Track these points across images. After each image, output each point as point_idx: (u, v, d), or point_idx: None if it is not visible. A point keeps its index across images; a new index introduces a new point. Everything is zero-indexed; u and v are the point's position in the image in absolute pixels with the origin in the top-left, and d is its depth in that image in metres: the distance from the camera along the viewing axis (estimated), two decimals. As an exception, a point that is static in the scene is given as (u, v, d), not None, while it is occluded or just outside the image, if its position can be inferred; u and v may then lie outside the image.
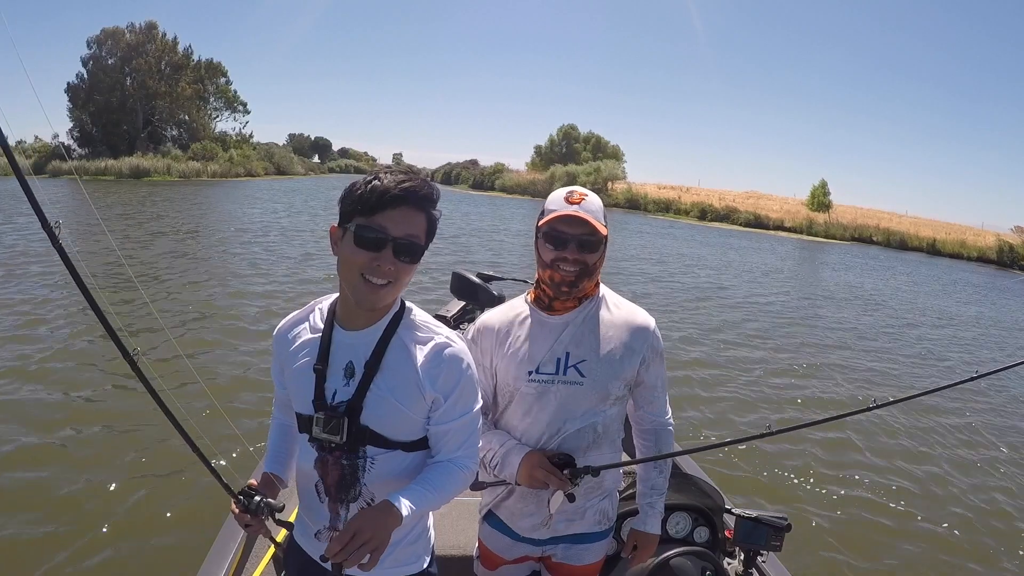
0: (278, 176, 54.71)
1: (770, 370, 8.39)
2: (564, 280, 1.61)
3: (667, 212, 45.09)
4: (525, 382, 1.66)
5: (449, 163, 75.50)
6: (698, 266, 18.88)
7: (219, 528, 2.37)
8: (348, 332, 1.37)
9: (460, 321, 4.13)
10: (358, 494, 1.39)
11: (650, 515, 1.79)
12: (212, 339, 7.60)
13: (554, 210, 1.61)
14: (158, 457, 4.57)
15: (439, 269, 11.41)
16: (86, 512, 3.93)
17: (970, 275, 27.75)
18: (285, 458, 1.57)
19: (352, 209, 1.29)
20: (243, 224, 19.34)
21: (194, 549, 2.75)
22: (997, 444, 6.68)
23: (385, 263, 1.27)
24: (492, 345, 1.70)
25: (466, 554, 2.15)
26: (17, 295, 8.97)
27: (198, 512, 3.91)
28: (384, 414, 1.34)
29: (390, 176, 1.29)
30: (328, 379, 1.37)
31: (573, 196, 1.61)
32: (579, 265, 1.60)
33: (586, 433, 1.67)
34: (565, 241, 1.59)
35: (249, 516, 1.38)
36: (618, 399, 1.71)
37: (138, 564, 3.53)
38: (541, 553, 1.81)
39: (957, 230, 41.05)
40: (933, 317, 14.66)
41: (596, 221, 1.59)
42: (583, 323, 1.67)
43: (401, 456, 1.39)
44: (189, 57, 50.77)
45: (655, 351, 1.72)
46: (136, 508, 4.04)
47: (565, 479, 1.62)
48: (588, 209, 1.60)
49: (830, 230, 40.08)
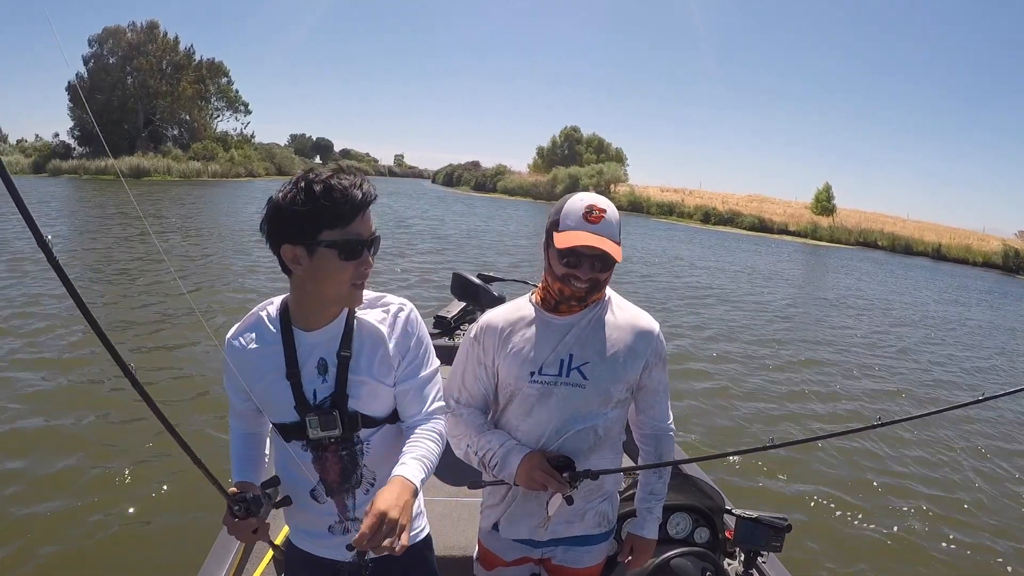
0: (279, 176, 54.58)
1: (778, 377, 8.23)
2: (574, 295, 1.60)
3: (670, 215, 44.82)
4: (527, 383, 1.64)
5: (451, 164, 75.40)
6: (705, 270, 18.68)
7: (218, 531, 2.32)
8: (311, 332, 1.38)
9: (460, 322, 4.11)
10: (360, 478, 1.42)
11: (648, 520, 1.77)
12: (206, 342, 7.54)
13: (571, 227, 1.56)
14: (158, 459, 4.57)
15: (440, 269, 11.22)
16: (86, 513, 3.94)
17: (978, 280, 27.65)
18: (252, 466, 1.54)
19: (315, 224, 1.25)
20: (241, 225, 19.10)
21: (194, 549, 2.78)
22: (1000, 451, 6.60)
23: (367, 266, 1.32)
24: (495, 344, 1.68)
25: (466, 554, 2.12)
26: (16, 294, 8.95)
27: (198, 513, 3.90)
28: (367, 395, 1.38)
29: (343, 181, 1.26)
30: (304, 382, 1.37)
31: (592, 214, 1.55)
32: (591, 282, 1.58)
33: (587, 435, 1.66)
34: (580, 261, 1.56)
35: (253, 519, 1.35)
36: (620, 402, 1.69)
37: (138, 564, 3.53)
38: (540, 555, 1.78)
39: (961, 235, 40.99)
40: (944, 324, 14.42)
41: (614, 245, 1.55)
42: (588, 325, 1.65)
43: (390, 429, 1.44)
44: (190, 57, 50.65)
45: (658, 355, 1.70)
46: (136, 509, 4.04)
47: (564, 482, 1.59)
48: (607, 231, 1.56)
49: (835, 234, 39.90)
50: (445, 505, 2.53)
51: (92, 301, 7.87)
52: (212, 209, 24.24)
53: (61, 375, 6.10)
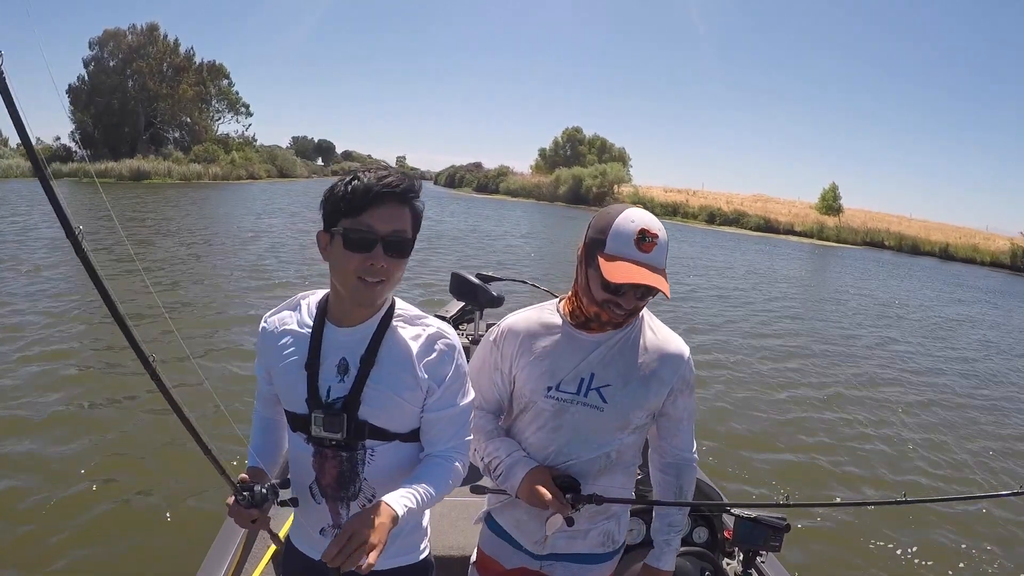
0: (280, 179, 54.39)
1: (796, 393, 7.78)
2: (611, 321, 1.51)
3: (674, 216, 44.47)
4: (543, 397, 1.57)
5: (453, 166, 75.31)
6: (716, 273, 18.39)
7: (219, 528, 2.35)
8: (341, 329, 1.36)
9: (459, 322, 4.14)
10: (358, 490, 1.38)
11: (665, 552, 1.68)
12: (214, 338, 7.63)
13: (622, 254, 1.43)
14: (158, 459, 4.57)
15: (440, 270, 11.05)
16: (86, 512, 3.92)
17: (988, 280, 27.44)
18: (269, 453, 1.53)
19: (336, 212, 1.27)
20: (239, 226, 18.88)
21: (194, 549, 2.80)
22: (1005, 455, 6.39)
23: (378, 261, 1.26)
24: (514, 351, 1.60)
25: (464, 555, 2.06)
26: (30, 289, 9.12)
27: (198, 512, 3.91)
28: (382, 407, 1.34)
29: (370, 174, 1.27)
30: (321, 376, 1.34)
31: (645, 241, 1.43)
32: (632, 312, 1.50)
33: (599, 460, 1.58)
34: (624, 291, 1.45)
35: (255, 511, 1.32)
36: (638, 428, 1.61)
37: (138, 564, 3.52)
38: (540, 567, 1.71)
39: (966, 234, 40.78)
40: (958, 327, 14.11)
41: (663, 280, 1.43)
42: (616, 345, 1.56)
43: (399, 447, 1.39)
44: (191, 59, 50.41)
45: (685, 382, 1.61)
46: (136, 508, 4.04)
47: (567, 504, 1.51)
48: (659, 260, 1.44)
49: (841, 234, 39.62)
50: (445, 505, 2.51)
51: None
52: (210, 212, 23.96)
53: (62, 369, 6.13)
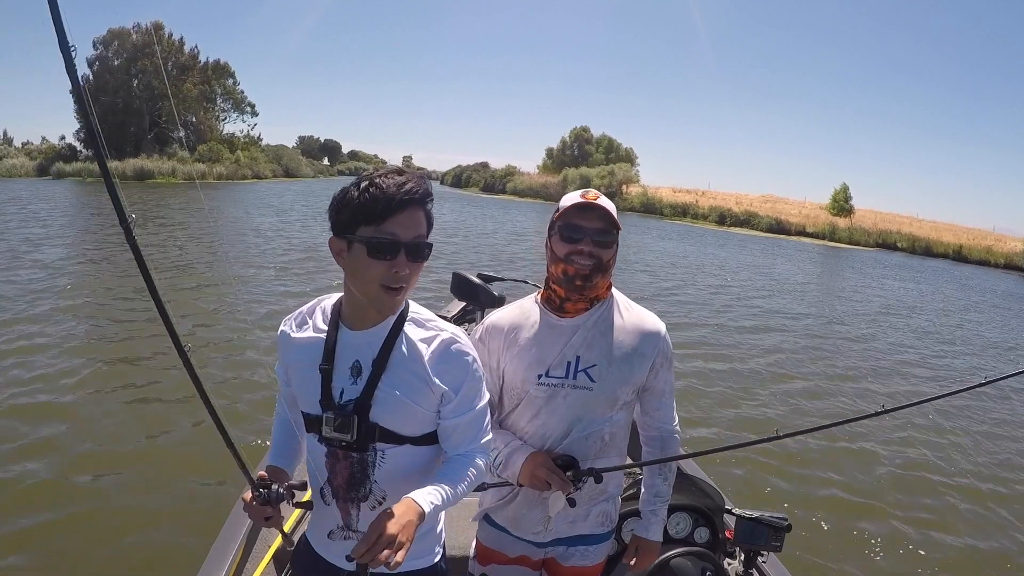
0: (286, 178, 54.14)
1: (783, 375, 8.14)
2: (578, 273, 1.57)
3: (684, 216, 43.95)
4: (534, 385, 1.63)
5: (459, 166, 74.79)
6: (736, 276, 18.05)
7: (219, 528, 2.36)
8: (355, 332, 1.36)
9: (460, 322, 4.11)
10: (368, 492, 1.39)
11: (653, 522, 1.77)
12: (224, 338, 7.57)
13: (569, 206, 1.60)
14: (158, 458, 4.58)
15: (440, 270, 10.88)
16: (86, 511, 3.92)
17: (1007, 284, 27.09)
18: (290, 452, 1.55)
19: (354, 219, 1.27)
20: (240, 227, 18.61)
21: (194, 549, 2.73)
22: (1005, 450, 6.41)
23: (401, 269, 1.27)
24: (500, 346, 1.67)
25: (466, 554, 2.05)
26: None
27: (199, 512, 3.90)
28: (393, 410, 1.35)
29: (388, 180, 1.26)
30: (334, 378, 1.36)
31: (589, 194, 1.60)
32: (593, 259, 1.57)
33: (594, 441, 1.65)
34: (580, 235, 1.57)
35: (269, 507, 1.34)
36: (626, 404, 1.68)
37: (138, 564, 3.51)
38: (544, 554, 1.77)
39: (977, 235, 40.33)
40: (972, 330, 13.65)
41: (612, 213, 1.58)
42: (594, 326, 1.63)
43: (411, 450, 1.39)
44: (196, 58, 50.20)
45: (665, 356, 1.68)
46: (137, 508, 4.02)
47: (567, 481, 1.59)
48: (604, 206, 1.58)
49: (853, 235, 39.10)
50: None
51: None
52: (205, 214, 23.65)
53: (64, 369, 6.12)
